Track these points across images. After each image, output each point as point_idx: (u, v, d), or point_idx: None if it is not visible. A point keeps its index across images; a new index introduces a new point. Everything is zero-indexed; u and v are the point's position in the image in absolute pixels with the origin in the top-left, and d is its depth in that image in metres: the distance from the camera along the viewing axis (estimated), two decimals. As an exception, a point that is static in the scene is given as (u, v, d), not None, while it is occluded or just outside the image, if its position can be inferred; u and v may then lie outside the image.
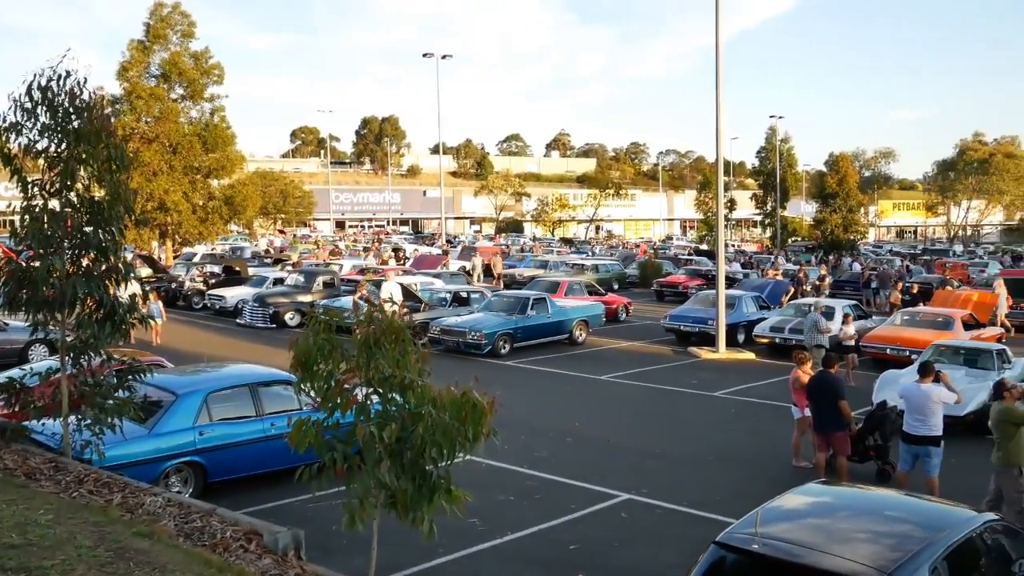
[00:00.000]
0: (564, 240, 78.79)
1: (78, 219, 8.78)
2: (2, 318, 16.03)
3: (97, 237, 8.73)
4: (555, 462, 12.66)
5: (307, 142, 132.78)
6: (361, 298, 23.14)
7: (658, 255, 53.47)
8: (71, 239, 8.76)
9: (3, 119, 8.67)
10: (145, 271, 32.65)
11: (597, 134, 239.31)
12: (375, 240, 68.11)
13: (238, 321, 26.96)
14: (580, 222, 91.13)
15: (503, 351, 21.82)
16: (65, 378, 9.01)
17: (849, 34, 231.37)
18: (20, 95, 8.58)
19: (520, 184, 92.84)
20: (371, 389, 6.15)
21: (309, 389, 6.29)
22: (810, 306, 21.50)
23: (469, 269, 41.52)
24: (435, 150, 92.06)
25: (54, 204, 8.72)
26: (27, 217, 8.64)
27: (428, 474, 6.02)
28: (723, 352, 22.53)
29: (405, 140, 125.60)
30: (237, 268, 33.19)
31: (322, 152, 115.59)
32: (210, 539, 6.91)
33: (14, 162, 8.75)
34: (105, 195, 8.81)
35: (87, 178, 8.86)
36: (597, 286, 31.05)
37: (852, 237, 60.05)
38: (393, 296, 22.28)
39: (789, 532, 6.15)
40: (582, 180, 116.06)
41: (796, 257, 55.53)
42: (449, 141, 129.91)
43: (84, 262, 8.88)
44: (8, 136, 8.72)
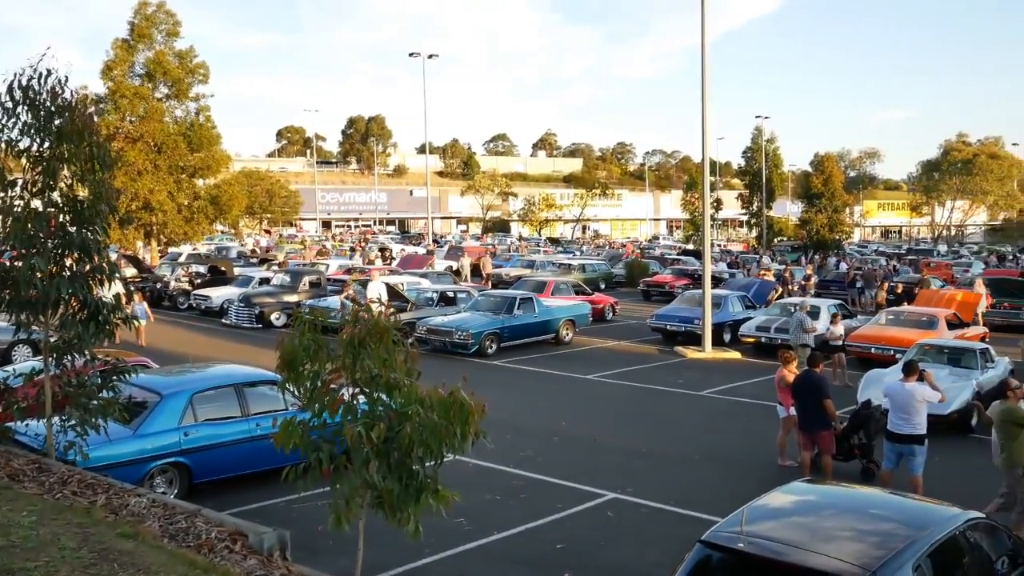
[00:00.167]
0: (551, 240, 78.85)
1: (61, 219, 8.72)
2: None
3: (80, 237, 8.67)
4: (542, 461, 12.67)
5: (293, 142, 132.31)
6: (347, 298, 23.10)
7: (644, 255, 53.58)
8: (54, 239, 8.70)
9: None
10: (130, 271, 32.49)
11: (584, 134, 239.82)
12: (361, 240, 68.00)
13: (224, 321, 26.86)
14: (567, 222, 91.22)
15: (490, 351, 21.81)
16: (49, 379, 8.95)
17: (834, 35, 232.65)
18: (1, 94, 8.51)
19: (507, 184, 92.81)
20: (357, 389, 6.14)
21: (295, 389, 6.27)
22: (796, 306, 21.58)
23: (457, 269, 41.52)
24: (421, 150, 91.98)
25: (37, 204, 8.65)
26: (9, 217, 8.58)
27: (415, 474, 6.01)
28: (709, 351, 22.60)
29: (391, 140, 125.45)
30: (223, 268, 33.06)
31: (308, 152, 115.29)
32: (195, 540, 6.88)
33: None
34: (88, 194, 8.75)
35: (70, 177, 8.80)
36: (584, 286, 31.08)
37: (837, 237, 60.37)
38: (380, 296, 22.25)
39: (774, 531, 6.18)
40: (569, 180, 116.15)
41: (782, 257, 55.73)
42: (436, 141, 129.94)
43: (68, 262, 8.82)
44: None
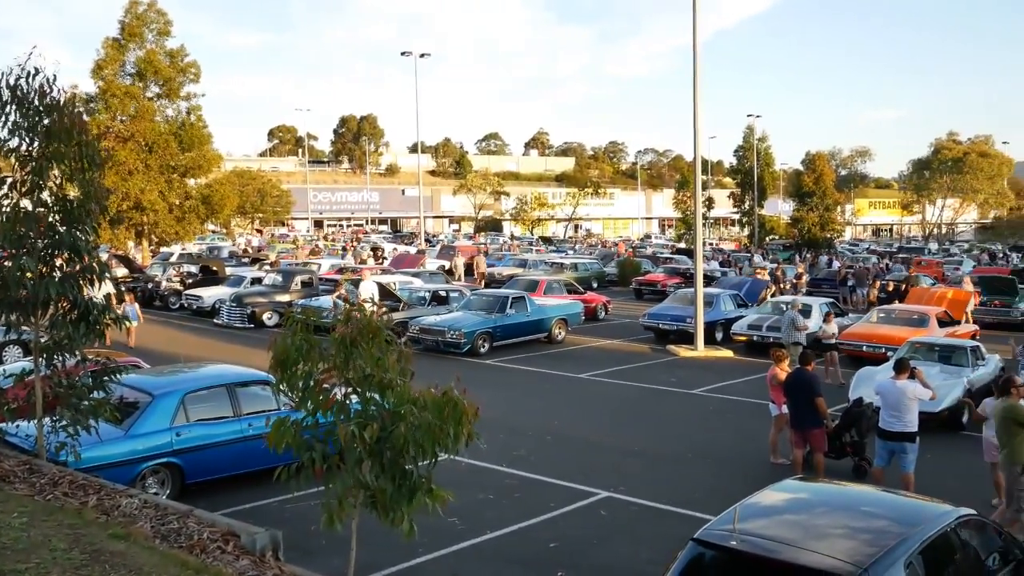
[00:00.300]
0: (543, 239, 78.85)
1: (51, 218, 8.68)
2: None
3: (71, 236, 8.64)
4: (535, 461, 12.68)
5: (285, 141, 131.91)
6: (339, 297, 23.07)
7: (636, 254, 53.65)
8: (44, 239, 8.66)
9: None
10: (121, 271, 32.40)
11: (576, 133, 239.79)
12: (353, 239, 67.92)
13: (215, 321, 26.78)
14: (559, 221, 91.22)
15: (482, 350, 21.81)
16: (39, 379, 8.91)
17: (825, 34, 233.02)
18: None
19: (499, 183, 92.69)
20: (350, 389, 6.14)
21: (288, 389, 6.26)
22: (787, 304, 21.63)
23: (451, 268, 41.47)
24: (414, 149, 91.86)
25: (26, 203, 8.61)
26: (-1, 217, 8.54)
27: (408, 473, 6.01)
28: (701, 350, 22.64)
29: (383, 139, 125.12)
30: (214, 268, 32.96)
31: (300, 151, 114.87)
32: (187, 540, 6.86)
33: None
34: (78, 194, 8.71)
35: (59, 177, 8.76)
36: (576, 285, 31.13)
37: (829, 235, 60.57)
38: (372, 296, 22.23)
39: (767, 528, 6.19)
40: (561, 179, 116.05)
41: (774, 255, 55.87)
42: (428, 140, 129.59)
43: (58, 262, 8.79)
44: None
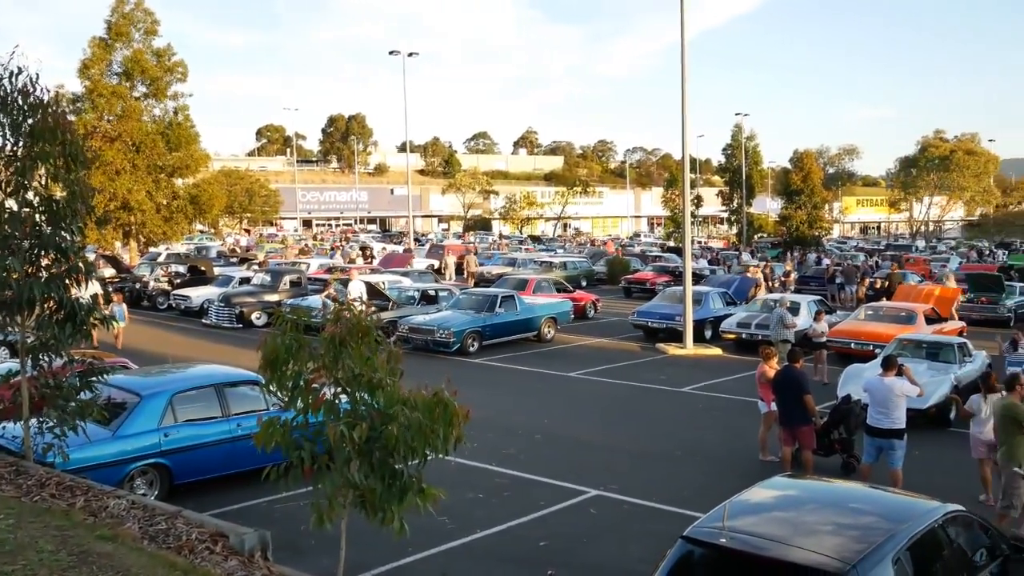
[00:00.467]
0: (532, 238, 78.87)
1: (37, 218, 8.62)
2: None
3: (56, 237, 8.59)
4: (524, 459, 12.68)
5: (273, 140, 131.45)
6: (328, 297, 23.03)
7: (625, 252, 53.72)
8: (30, 239, 8.61)
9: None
10: (108, 271, 32.25)
11: (564, 132, 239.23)
12: (342, 238, 67.82)
13: (204, 321, 26.68)
14: (548, 219, 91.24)
15: (472, 349, 21.80)
16: (26, 380, 8.85)
17: (813, 33, 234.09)
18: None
19: (488, 182, 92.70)
20: (339, 388, 6.13)
21: (277, 389, 6.24)
22: (776, 302, 21.70)
23: (441, 267, 41.47)
24: (402, 148, 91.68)
25: (11, 204, 8.55)
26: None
27: (399, 473, 6.00)
28: (690, 348, 22.69)
29: (372, 138, 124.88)
30: (202, 268, 32.84)
31: (288, 150, 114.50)
32: (175, 541, 6.84)
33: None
34: (64, 193, 8.66)
35: (45, 177, 8.70)
36: (565, 283, 31.14)
37: (817, 233, 60.76)
38: (361, 295, 22.20)
39: (756, 525, 6.21)
40: (550, 178, 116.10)
41: (762, 253, 56.04)
42: (416, 139, 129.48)
43: (44, 262, 8.73)
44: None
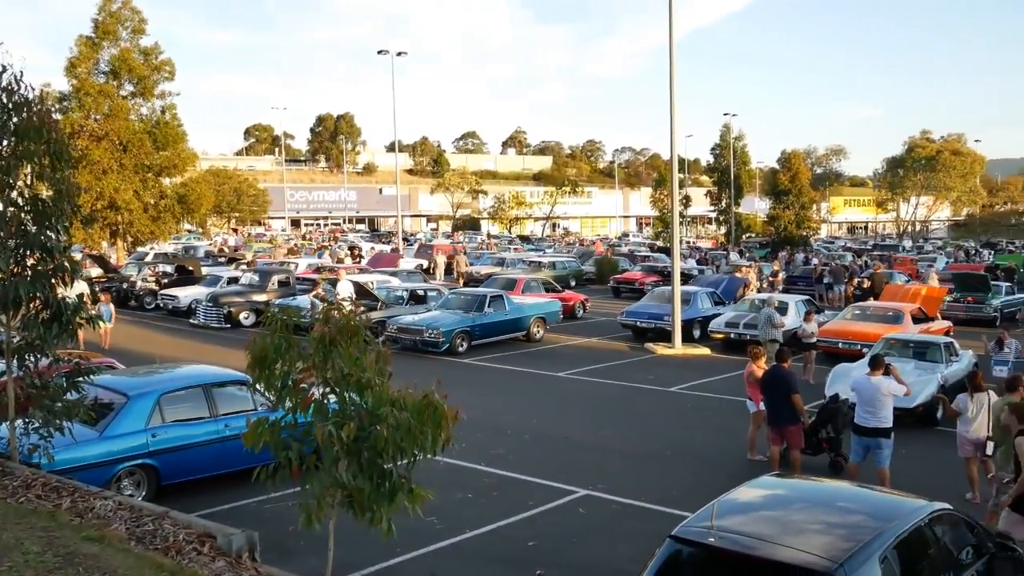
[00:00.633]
0: (521, 237, 78.88)
1: (22, 218, 8.57)
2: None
3: (42, 236, 8.53)
4: (513, 459, 12.68)
5: (261, 140, 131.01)
6: (316, 296, 22.98)
7: (614, 252, 53.78)
8: (15, 238, 8.55)
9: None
10: (96, 271, 32.08)
11: (553, 132, 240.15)
12: (331, 238, 67.69)
13: (191, 321, 26.58)
14: (537, 219, 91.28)
15: (460, 349, 21.78)
16: (11, 381, 8.80)
17: (801, 34, 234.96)
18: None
19: (477, 182, 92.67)
20: (328, 388, 6.11)
21: (265, 389, 6.22)
22: (764, 302, 21.76)
23: (431, 267, 41.41)
24: (391, 148, 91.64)
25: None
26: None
27: (388, 473, 5.99)
28: (679, 348, 22.72)
29: (361, 138, 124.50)
30: (190, 267, 32.71)
31: (276, 150, 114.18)
32: (162, 542, 6.81)
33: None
34: (50, 192, 8.61)
35: (30, 175, 8.65)
36: (554, 283, 31.15)
37: (805, 233, 60.97)
38: (350, 296, 22.17)
39: (744, 525, 6.22)
40: (538, 177, 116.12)
41: (750, 253, 56.22)
42: (405, 139, 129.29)
43: (29, 262, 8.68)
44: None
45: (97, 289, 23.86)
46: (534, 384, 18.80)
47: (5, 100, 8.41)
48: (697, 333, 24.21)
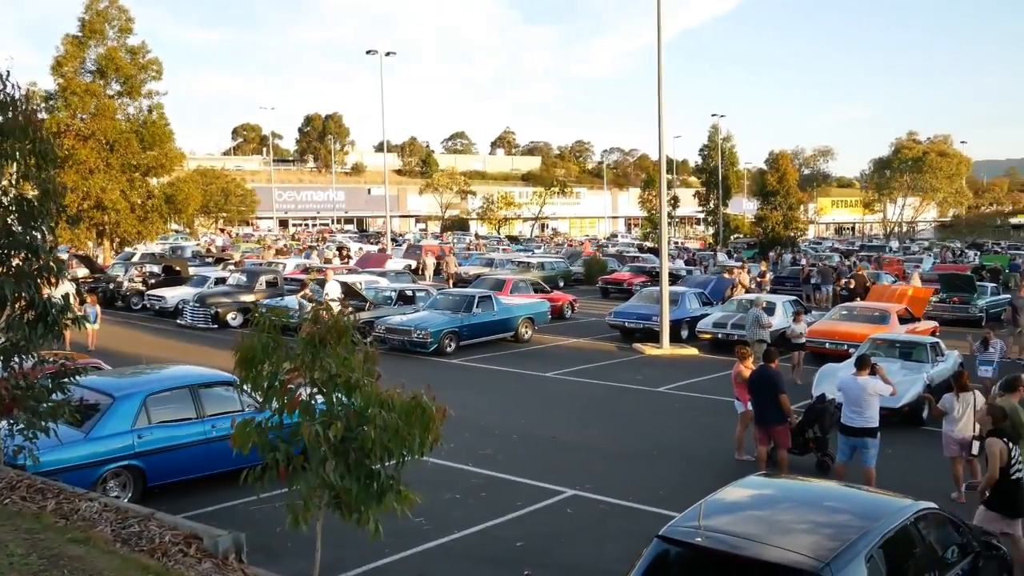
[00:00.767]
0: (510, 238, 78.87)
1: (7, 218, 8.50)
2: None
3: (28, 236, 8.47)
4: (501, 460, 12.68)
5: (249, 140, 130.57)
6: (304, 297, 22.93)
7: (602, 252, 53.83)
8: (1, 238, 8.49)
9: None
10: (82, 271, 31.90)
11: (542, 132, 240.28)
12: (319, 238, 67.54)
13: (178, 322, 26.47)
14: (526, 220, 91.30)
15: (449, 349, 21.76)
16: (-4, 382, 8.73)
17: (789, 35, 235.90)
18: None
19: (465, 182, 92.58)
20: (315, 389, 6.10)
21: (252, 390, 6.20)
22: (751, 302, 21.83)
23: (420, 268, 41.34)
24: (379, 148, 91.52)
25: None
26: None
27: (375, 474, 5.98)
28: (667, 348, 22.77)
29: (349, 138, 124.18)
30: (177, 268, 32.59)
31: (264, 150, 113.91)
32: (148, 544, 6.78)
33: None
34: (35, 192, 8.55)
35: (16, 175, 8.59)
36: (542, 284, 31.16)
37: (792, 234, 61.18)
38: (338, 296, 22.13)
39: (731, 524, 6.24)
40: (527, 178, 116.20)
41: (738, 253, 56.39)
42: (394, 139, 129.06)
43: (15, 262, 8.61)
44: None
45: (84, 290, 23.78)
46: (522, 384, 18.80)
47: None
48: (685, 333, 24.25)
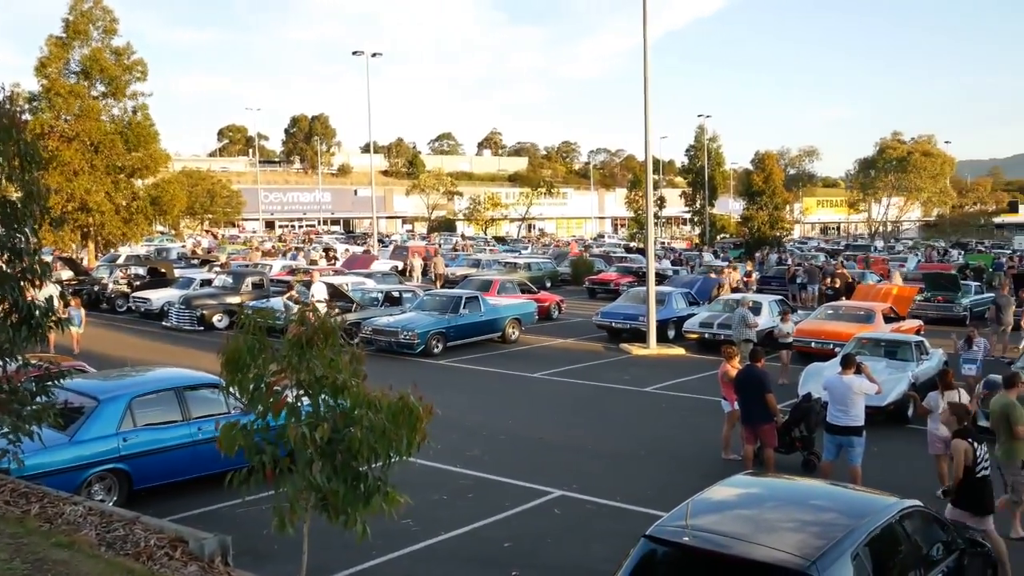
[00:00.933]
0: (497, 238, 78.86)
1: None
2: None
3: (10, 238, 8.41)
4: (488, 460, 12.67)
5: (235, 141, 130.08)
6: (290, 299, 22.86)
7: (588, 252, 53.88)
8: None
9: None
10: (67, 274, 31.70)
11: (529, 133, 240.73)
12: (305, 239, 67.36)
13: (164, 324, 26.34)
14: (512, 221, 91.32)
15: (436, 350, 21.74)
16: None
17: (775, 36, 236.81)
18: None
19: (452, 183, 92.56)
20: (302, 391, 6.07)
21: (238, 392, 6.17)
22: (738, 302, 21.90)
23: (408, 269, 41.26)
24: (366, 149, 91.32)
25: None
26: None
27: (362, 475, 5.97)
28: (654, 348, 22.81)
29: (335, 139, 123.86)
30: (163, 269, 32.43)
31: (250, 151, 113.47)
32: (133, 548, 6.74)
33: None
34: (19, 194, 8.48)
35: (-1, 176, 8.52)
36: (529, 284, 31.17)
37: (778, 234, 61.42)
38: (325, 298, 22.07)
39: (718, 523, 6.25)
40: (514, 179, 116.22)
41: (724, 253, 56.59)
42: (380, 140, 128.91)
43: (-1, 264, 8.55)
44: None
45: (68, 292, 23.64)
46: (509, 385, 18.80)
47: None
48: (672, 333, 24.31)
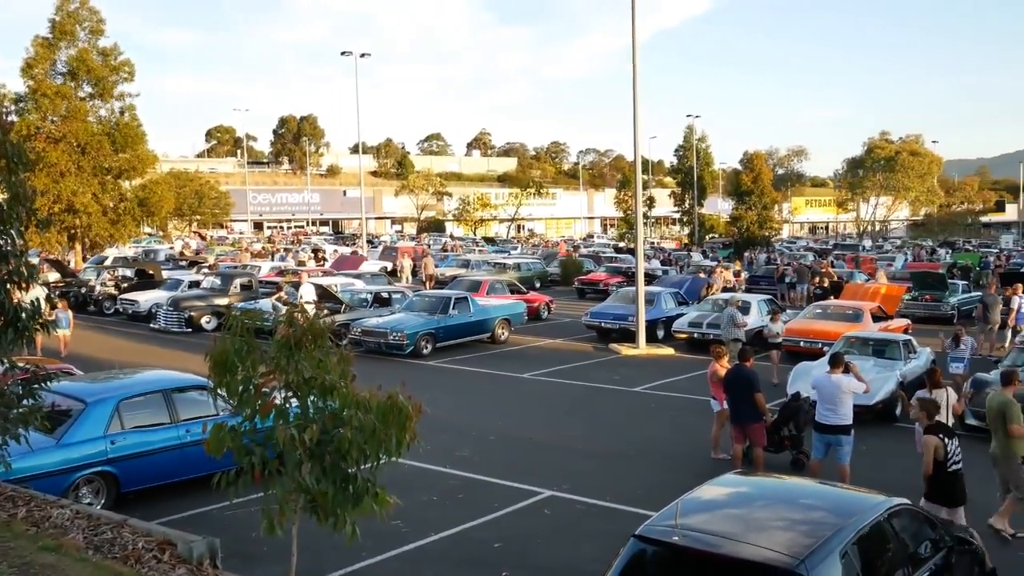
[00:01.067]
0: (486, 239, 78.86)
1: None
2: None
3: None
4: (478, 461, 12.67)
5: (223, 142, 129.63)
6: (279, 300, 22.79)
7: (577, 253, 53.94)
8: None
9: None
10: (53, 276, 31.54)
11: (518, 133, 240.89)
12: (294, 240, 67.21)
13: (152, 326, 26.23)
14: (502, 221, 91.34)
15: (425, 351, 21.71)
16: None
17: (764, 36, 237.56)
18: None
19: (441, 183, 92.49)
20: (290, 392, 6.06)
21: (226, 394, 6.15)
22: (726, 301, 21.95)
23: (398, 270, 41.21)
24: (355, 149, 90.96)
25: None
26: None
27: (352, 477, 5.95)
28: (643, 348, 22.84)
29: (324, 139, 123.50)
30: (150, 271, 32.29)
31: (239, 152, 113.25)
32: (121, 551, 6.71)
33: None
34: (4, 196, 8.43)
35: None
36: (519, 285, 31.18)
37: (767, 233, 61.63)
38: (313, 299, 22.03)
39: (708, 523, 6.26)
40: (503, 179, 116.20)
41: (714, 253, 56.74)
42: (369, 140, 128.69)
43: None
44: None
45: (55, 295, 23.50)
46: (499, 386, 18.80)
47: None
48: (661, 333, 24.36)
